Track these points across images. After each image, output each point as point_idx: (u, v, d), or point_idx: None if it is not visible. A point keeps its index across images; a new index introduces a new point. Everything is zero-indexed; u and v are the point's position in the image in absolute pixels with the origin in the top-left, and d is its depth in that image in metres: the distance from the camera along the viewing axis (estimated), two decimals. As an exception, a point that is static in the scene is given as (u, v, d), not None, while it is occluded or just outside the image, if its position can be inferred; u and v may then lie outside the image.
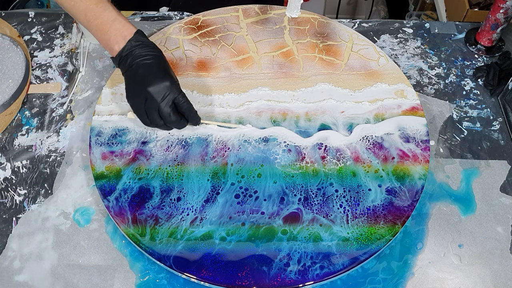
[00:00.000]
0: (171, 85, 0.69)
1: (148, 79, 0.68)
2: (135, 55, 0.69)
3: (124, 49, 0.70)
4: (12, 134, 0.80)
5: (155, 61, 0.70)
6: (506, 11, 0.86)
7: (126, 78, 0.71)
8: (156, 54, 0.70)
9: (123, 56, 0.70)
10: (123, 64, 0.71)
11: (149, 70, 0.69)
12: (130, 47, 0.70)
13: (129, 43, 0.69)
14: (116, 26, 0.70)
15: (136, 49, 0.70)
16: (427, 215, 0.73)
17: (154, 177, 0.73)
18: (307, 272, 0.65)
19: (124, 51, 0.70)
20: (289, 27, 0.91)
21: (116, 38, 0.70)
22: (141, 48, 0.70)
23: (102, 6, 0.71)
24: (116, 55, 0.71)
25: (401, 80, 0.84)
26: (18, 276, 0.68)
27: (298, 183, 0.73)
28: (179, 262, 0.66)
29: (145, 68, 0.69)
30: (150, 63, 0.70)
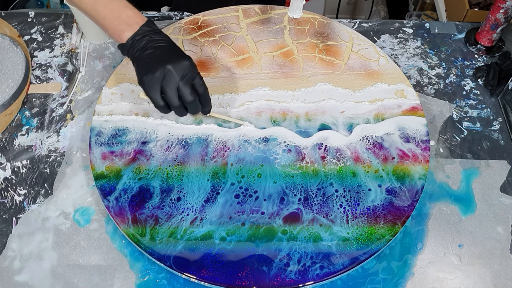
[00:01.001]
0: (191, 65, 0.68)
1: (168, 57, 0.67)
2: (149, 39, 0.69)
3: (137, 33, 0.69)
4: (12, 134, 0.80)
5: (171, 44, 0.70)
6: (506, 11, 0.86)
7: (139, 59, 0.69)
8: (169, 40, 0.71)
9: (136, 39, 0.69)
10: (135, 46, 0.69)
11: (167, 50, 0.69)
12: (143, 32, 0.69)
13: (142, 27, 0.69)
14: (128, 13, 0.70)
15: (150, 34, 0.69)
16: (427, 215, 0.73)
17: (154, 177, 0.73)
18: (307, 272, 0.65)
19: (138, 35, 0.69)
20: (289, 27, 0.91)
21: (129, 23, 0.69)
22: (154, 34, 0.70)
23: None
24: (128, 39, 0.69)
25: (401, 80, 0.84)
26: (18, 276, 0.68)
27: (298, 183, 0.73)
28: (179, 262, 0.66)
29: (162, 49, 0.68)
30: (166, 46, 0.69)
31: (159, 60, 0.67)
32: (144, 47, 0.69)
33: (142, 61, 0.68)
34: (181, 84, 0.67)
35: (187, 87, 0.68)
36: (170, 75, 0.66)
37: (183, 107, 0.70)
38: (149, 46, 0.68)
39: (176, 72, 0.66)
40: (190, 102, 0.69)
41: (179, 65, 0.67)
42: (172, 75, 0.66)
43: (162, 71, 0.66)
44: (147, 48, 0.68)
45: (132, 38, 0.69)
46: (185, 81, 0.67)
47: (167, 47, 0.69)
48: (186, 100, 0.68)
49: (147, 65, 0.68)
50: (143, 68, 0.68)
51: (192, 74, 0.68)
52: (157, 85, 0.67)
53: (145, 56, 0.68)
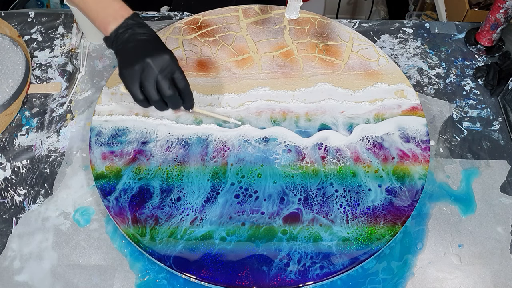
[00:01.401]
0: (171, 59, 0.67)
1: (148, 50, 0.67)
2: (132, 32, 0.69)
3: (121, 26, 0.69)
4: (12, 134, 0.80)
5: (153, 38, 0.69)
6: (506, 11, 0.86)
7: (121, 52, 0.69)
8: (153, 34, 0.70)
9: (119, 32, 0.69)
10: (118, 40, 0.69)
11: (148, 44, 0.68)
12: (127, 25, 0.69)
13: (127, 20, 0.69)
14: (115, 6, 0.70)
15: (134, 27, 0.69)
16: (427, 215, 0.73)
17: (154, 177, 0.73)
18: (307, 272, 0.65)
19: (121, 27, 0.69)
20: (289, 27, 0.91)
21: (114, 16, 0.69)
22: (138, 27, 0.69)
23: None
24: (112, 31, 0.69)
25: (401, 80, 0.84)
26: (18, 276, 0.68)
27: (298, 183, 0.73)
28: (179, 262, 0.66)
29: (143, 42, 0.68)
30: (149, 39, 0.69)
31: (139, 54, 0.67)
32: (127, 40, 0.68)
33: (124, 54, 0.68)
34: (159, 77, 0.66)
35: (166, 81, 0.67)
36: (148, 69, 0.66)
37: (162, 101, 0.69)
38: (132, 39, 0.68)
39: (154, 65, 0.66)
40: (168, 96, 0.68)
41: (158, 59, 0.66)
42: (150, 69, 0.66)
43: (141, 64, 0.66)
44: (129, 41, 0.68)
45: (115, 31, 0.69)
46: (164, 75, 0.67)
47: (148, 41, 0.69)
48: (165, 94, 0.68)
49: (127, 58, 0.68)
50: (123, 61, 0.68)
51: (172, 68, 0.67)
52: (136, 78, 0.67)
53: (126, 49, 0.68)
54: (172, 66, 0.67)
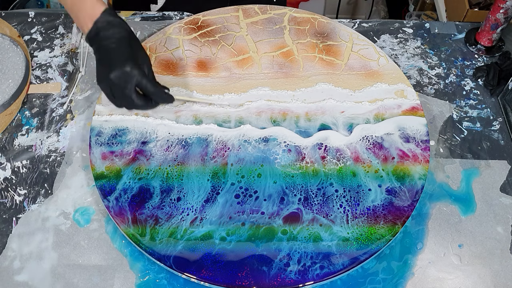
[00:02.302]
0: (132, 69, 0.66)
1: (110, 65, 0.66)
2: (101, 37, 0.68)
3: (90, 31, 0.68)
4: (12, 134, 0.80)
5: (117, 45, 0.68)
6: (506, 11, 0.86)
7: (96, 60, 0.70)
8: (121, 36, 0.68)
9: (91, 38, 0.69)
10: (92, 45, 0.69)
11: (110, 55, 0.67)
12: (96, 30, 0.68)
13: (95, 25, 0.68)
14: (86, 6, 0.68)
15: (102, 32, 0.68)
16: (427, 215, 0.73)
17: (154, 177, 0.73)
18: (307, 272, 0.65)
19: (91, 33, 0.68)
20: (289, 27, 0.91)
21: (85, 20, 0.68)
22: (107, 30, 0.68)
23: None
24: (85, 38, 0.69)
25: (401, 80, 0.84)
26: (18, 276, 0.68)
27: (298, 183, 0.73)
28: (179, 262, 0.66)
29: (108, 53, 0.67)
30: (113, 48, 0.67)
31: (104, 70, 0.67)
32: (96, 49, 0.69)
33: (96, 66, 0.69)
34: (125, 93, 0.67)
35: (131, 93, 0.67)
36: (114, 86, 0.67)
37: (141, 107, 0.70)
38: (100, 47, 0.68)
39: (117, 82, 0.66)
40: (141, 106, 0.69)
41: (119, 74, 0.66)
42: (115, 86, 0.67)
43: (107, 82, 0.67)
44: (98, 50, 0.69)
45: (87, 36, 0.69)
46: (128, 89, 0.67)
47: (114, 49, 0.67)
48: (137, 106, 0.69)
49: (97, 73, 0.69)
50: (97, 74, 0.69)
51: (134, 80, 0.67)
52: (109, 94, 0.69)
53: (96, 61, 0.69)
54: (133, 77, 0.67)
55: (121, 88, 0.67)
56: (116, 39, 0.68)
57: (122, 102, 0.69)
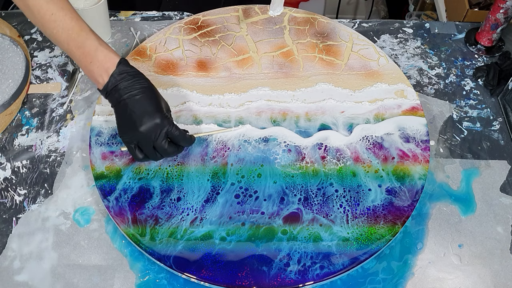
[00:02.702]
0: (161, 121, 0.66)
1: (138, 119, 0.65)
2: (121, 89, 0.66)
3: (108, 84, 0.66)
4: (12, 134, 0.80)
5: (142, 96, 0.66)
6: (506, 11, 0.86)
7: (116, 113, 0.68)
8: (143, 87, 0.67)
9: (108, 91, 0.67)
10: (110, 98, 0.68)
11: (137, 107, 0.66)
12: (115, 81, 0.66)
13: (113, 77, 0.66)
14: (98, 57, 0.66)
15: (122, 83, 0.66)
16: (427, 215, 0.73)
17: (154, 177, 0.73)
18: (307, 272, 0.65)
19: (109, 86, 0.66)
20: (289, 27, 0.91)
21: (99, 71, 0.66)
22: (126, 80, 0.66)
23: (84, 35, 0.67)
24: (102, 89, 0.67)
25: (401, 80, 0.84)
26: (18, 276, 0.68)
27: (298, 183, 0.73)
28: (179, 262, 0.66)
29: (133, 106, 0.66)
30: (138, 99, 0.66)
31: (131, 123, 0.66)
32: (118, 100, 0.67)
33: (118, 118, 0.68)
34: (156, 144, 0.66)
35: (163, 144, 0.67)
36: (144, 139, 0.66)
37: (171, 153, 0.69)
38: (122, 100, 0.66)
39: (148, 134, 0.65)
40: (169, 154, 0.69)
41: (151, 126, 0.65)
42: (146, 139, 0.66)
43: (136, 136, 0.66)
44: (119, 102, 0.66)
45: (104, 89, 0.67)
46: (160, 140, 0.66)
47: (139, 101, 0.66)
48: (165, 155, 0.69)
49: (121, 126, 0.67)
50: (119, 127, 0.68)
51: (165, 130, 0.66)
52: (133, 144, 0.67)
53: (119, 112, 0.67)
54: (164, 127, 0.66)
55: (151, 140, 0.66)
56: (139, 90, 0.66)
57: (151, 154, 0.68)
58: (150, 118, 0.65)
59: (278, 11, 0.82)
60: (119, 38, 0.93)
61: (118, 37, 0.93)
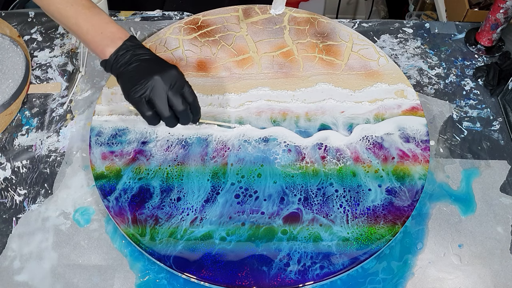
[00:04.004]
0: (179, 74, 0.67)
1: (154, 68, 0.66)
2: (133, 53, 0.68)
3: (121, 48, 0.68)
4: (12, 134, 0.80)
5: (155, 57, 0.69)
6: (506, 11, 0.86)
7: (125, 74, 0.68)
8: (153, 54, 0.70)
9: (119, 55, 0.68)
10: (119, 62, 0.68)
11: (152, 62, 0.68)
12: (127, 47, 0.68)
13: (126, 42, 0.68)
14: (111, 29, 0.69)
15: (134, 49, 0.68)
16: (427, 215, 0.73)
17: (154, 177, 0.73)
18: (307, 272, 0.65)
19: (121, 50, 0.68)
20: (289, 27, 0.91)
21: (112, 39, 0.68)
22: (138, 48, 0.69)
23: (94, 11, 0.70)
24: (111, 54, 0.68)
25: (401, 80, 0.84)
26: (18, 276, 0.68)
27: (298, 183, 0.73)
28: (179, 262, 0.66)
29: (148, 61, 0.67)
30: (151, 58, 0.68)
31: (146, 72, 0.66)
32: (128, 61, 0.67)
33: (128, 75, 0.67)
34: (170, 94, 0.66)
35: (178, 96, 0.66)
36: (158, 85, 0.65)
37: (174, 117, 0.68)
38: (134, 60, 0.67)
39: (164, 81, 0.65)
40: (181, 111, 0.67)
41: (167, 75, 0.65)
42: (161, 85, 0.65)
43: (150, 82, 0.65)
44: (131, 62, 0.67)
45: (115, 53, 0.68)
46: (175, 90, 0.66)
47: (152, 60, 0.68)
48: (178, 109, 0.67)
49: (133, 78, 0.66)
50: (129, 81, 0.67)
51: (181, 83, 0.67)
52: (145, 97, 0.66)
53: (130, 70, 0.67)
54: (180, 80, 0.67)
55: (166, 89, 0.65)
56: (150, 54, 0.69)
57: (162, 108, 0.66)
58: (166, 67, 0.66)
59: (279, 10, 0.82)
60: (119, 38, 0.93)
61: (118, 37, 0.93)
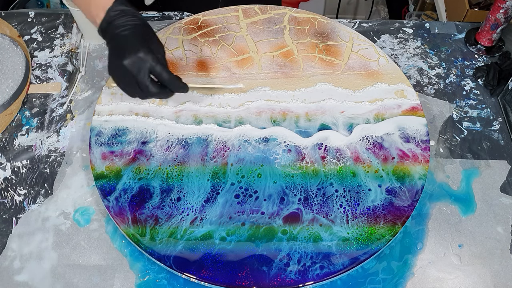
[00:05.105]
0: (146, 55, 0.66)
1: (123, 51, 0.66)
2: (114, 26, 0.67)
3: (103, 21, 0.68)
4: (12, 134, 0.80)
5: (131, 31, 0.67)
6: (506, 11, 0.86)
7: (109, 49, 0.69)
8: (134, 23, 0.68)
9: (103, 28, 0.68)
10: (105, 36, 0.69)
11: (124, 41, 0.67)
12: (109, 18, 0.67)
13: (108, 13, 0.67)
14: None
15: (115, 20, 0.67)
16: (427, 215, 0.73)
17: (154, 177, 0.73)
18: (307, 272, 0.65)
19: (103, 23, 0.68)
20: (289, 27, 0.91)
21: (97, 10, 0.68)
22: (120, 17, 0.68)
23: None
24: (99, 27, 0.69)
25: (401, 80, 0.84)
26: (18, 276, 0.68)
27: (298, 183, 0.73)
28: (179, 262, 0.66)
29: (121, 40, 0.67)
30: (127, 34, 0.67)
31: (117, 57, 0.66)
32: (110, 37, 0.68)
33: (109, 53, 0.69)
34: (138, 79, 0.66)
35: (145, 80, 0.66)
36: (126, 72, 0.66)
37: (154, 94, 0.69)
38: (114, 35, 0.68)
39: (130, 68, 0.66)
40: (153, 94, 0.68)
41: (132, 60, 0.65)
42: (128, 73, 0.66)
43: (121, 69, 0.66)
44: (111, 38, 0.68)
45: (100, 25, 0.69)
46: (142, 75, 0.66)
47: (127, 36, 0.67)
48: (149, 93, 0.68)
49: (110, 61, 0.69)
50: (109, 61, 0.69)
51: (147, 66, 0.66)
52: (122, 81, 0.68)
53: (109, 50, 0.69)
54: (147, 63, 0.66)
55: (134, 74, 0.66)
56: (130, 27, 0.68)
57: (136, 91, 0.68)
58: (133, 52, 0.66)
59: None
60: (119, 38, 0.93)
61: (118, 37, 0.93)
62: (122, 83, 0.69)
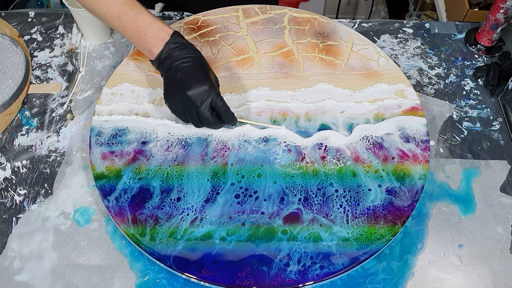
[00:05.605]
0: (209, 88, 0.69)
1: (187, 83, 0.69)
2: (174, 57, 0.70)
3: (162, 52, 0.71)
4: (12, 134, 0.80)
5: (194, 64, 0.71)
6: (506, 11, 0.86)
7: (165, 80, 0.72)
8: (194, 56, 0.71)
9: (162, 59, 0.71)
10: (162, 66, 0.72)
11: (188, 73, 0.70)
12: (169, 50, 0.71)
13: (167, 45, 0.70)
14: (153, 29, 0.71)
15: (175, 51, 0.70)
16: (427, 215, 0.73)
17: (154, 177, 0.73)
18: (307, 272, 0.65)
19: (163, 54, 0.71)
20: (289, 27, 0.91)
21: (154, 41, 0.71)
22: (179, 50, 0.71)
23: (136, 10, 0.71)
24: (155, 58, 0.71)
25: (401, 80, 0.84)
26: (18, 276, 0.68)
27: (298, 183, 0.73)
28: (179, 262, 0.66)
29: (184, 72, 0.70)
30: (189, 66, 0.70)
31: (179, 87, 0.70)
32: (169, 67, 0.71)
33: (166, 84, 0.72)
34: (200, 110, 0.70)
35: (206, 112, 0.70)
36: (189, 103, 0.70)
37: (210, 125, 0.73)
38: (174, 66, 0.71)
39: (194, 99, 0.69)
40: (211, 124, 0.72)
41: (197, 91, 0.69)
42: (191, 103, 0.70)
43: (183, 99, 0.70)
44: (171, 68, 0.71)
45: (158, 57, 0.71)
46: (204, 106, 0.70)
47: (190, 68, 0.70)
48: (207, 124, 0.72)
49: (169, 90, 0.72)
50: (166, 92, 0.72)
51: (210, 98, 0.70)
52: (181, 110, 0.72)
53: (169, 78, 0.72)
54: (210, 95, 0.70)
55: (196, 105, 0.70)
56: (190, 59, 0.71)
57: (194, 119, 0.72)
58: (197, 83, 0.69)
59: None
60: (119, 38, 0.93)
61: (118, 36, 0.93)
62: (180, 112, 0.72)
